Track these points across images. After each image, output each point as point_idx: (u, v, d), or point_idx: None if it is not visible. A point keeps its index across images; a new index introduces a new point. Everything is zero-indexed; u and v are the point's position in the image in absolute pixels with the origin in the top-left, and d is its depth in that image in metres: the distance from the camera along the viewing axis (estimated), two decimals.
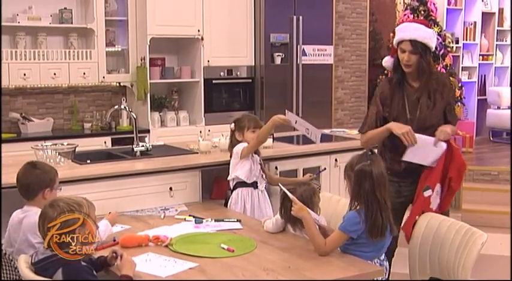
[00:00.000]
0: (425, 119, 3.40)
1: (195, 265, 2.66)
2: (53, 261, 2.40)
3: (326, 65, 7.04)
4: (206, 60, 6.33)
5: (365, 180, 2.82)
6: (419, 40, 3.32)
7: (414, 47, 3.32)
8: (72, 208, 2.43)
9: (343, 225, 2.82)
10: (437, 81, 3.45)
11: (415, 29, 3.37)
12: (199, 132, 6.05)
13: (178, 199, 3.82)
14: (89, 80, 5.86)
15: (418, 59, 3.33)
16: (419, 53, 3.32)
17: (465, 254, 2.86)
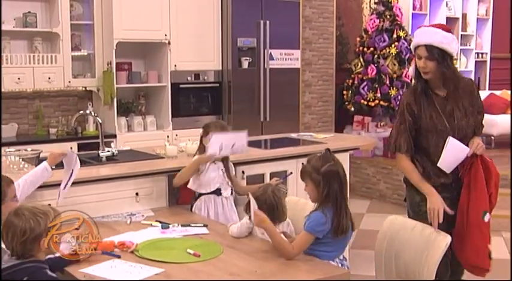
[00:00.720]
0: (461, 129, 3.18)
1: (160, 270, 2.64)
2: (18, 270, 2.36)
3: (293, 69, 7.07)
4: (173, 65, 6.31)
5: (334, 180, 2.87)
6: (435, 45, 3.09)
7: (430, 53, 3.09)
8: (38, 217, 2.40)
9: (310, 226, 2.84)
10: (464, 89, 3.21)
11: (432, 33, 3.13)
12: (166, 137, 6.03)
13: (145, 205, 3.79)
14: (54, 84, 5.79)
15: (436, 65, 3.09)
16: (436, 59, 3.08)
17: (429, 256, 2.89)
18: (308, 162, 2.96)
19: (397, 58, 7.86)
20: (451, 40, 3.12)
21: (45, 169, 3.32)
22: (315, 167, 2.90)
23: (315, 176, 2.89)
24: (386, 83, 7.80)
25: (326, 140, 5.06)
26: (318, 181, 2.89)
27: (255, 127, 6.64)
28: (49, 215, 2.43)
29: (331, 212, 2.86)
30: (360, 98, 7.89)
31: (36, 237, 2.39)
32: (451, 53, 3.12)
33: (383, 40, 7.87)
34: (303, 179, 2.95)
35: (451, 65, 3.14)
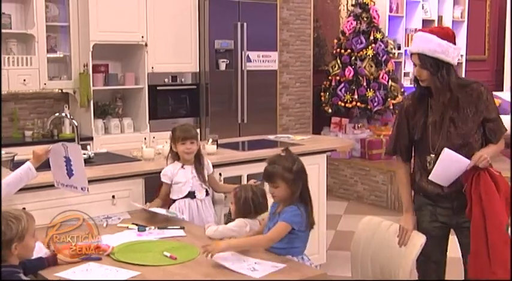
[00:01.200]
0: (456, 138, 2.95)
1: (137, 273, 2.63)
2: None
3: (271, 71, 7.09)
4: (150, 67, 6.29)
5: (304, 177, 2.96)
6: (428, 54, 2.90)
7: (422, 62, 2.91)
8: (10, 222, 2.38)
9: (287, 216, 2.88)
10: (468, 95, 2.96)
11: (425, 40, 2.92)
12: (143, 140, 6.00)
13: (121, 207, 3.77)
14: (29, 86, 5.74)
15: (429, 75, 2.91)
16: (429, 69, 2.90)
17: (405, 256, 2.92)
18: (273, 163, 2.94)
19: (374, 60, 7.91)
20: (447, 48, 2.88)
21: (28, 169, 3.27)
22: (286, 167, 2.91)
23: (287, 176, 2.90)
24: (364, 84, 7.84)
25: (303, 141, 5.07)
26: (290, 180, 2.91)
27: (233, 129, 6.64)
28: (21, 219, 2.41)
29: (302, 207, 2.93)
30: (337, 99, 7.92)
31: (8, 242, 2.37)
32: (448, 61, 2.90)
33: (360, 42, 7.92)
34: (273, 181, 2.92)
35: (448, 75, 2.90)
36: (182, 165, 3.77)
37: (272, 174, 2.92)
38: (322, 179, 4.89)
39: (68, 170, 3.36)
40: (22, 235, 2.41)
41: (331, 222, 5.84)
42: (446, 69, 2.90)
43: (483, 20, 10.64)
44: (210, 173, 3.91)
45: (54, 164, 3.41)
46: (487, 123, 2.97)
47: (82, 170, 3.35)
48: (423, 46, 2.91)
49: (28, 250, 2.48)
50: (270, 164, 2.95)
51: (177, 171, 3.76)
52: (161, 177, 3.78)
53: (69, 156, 3.35)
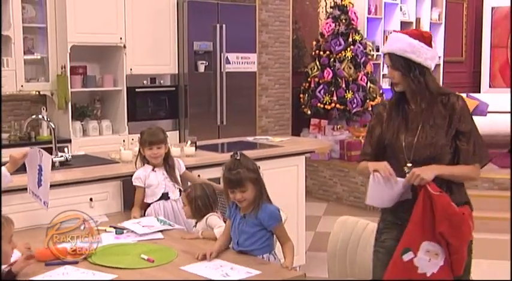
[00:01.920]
0: (424, 149, 2.76)
1: (113, 276, 2.61)
2: None
3: (250, 72, 7.09)
4: (129, 69, 6.26)
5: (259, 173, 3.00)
6: (398, 54, 2.76)
7: (393, 62, 2.78)
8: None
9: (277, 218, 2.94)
10: (445, 103, 2.79)
11: (396, 40, 2.80)
12: (122, 142, 5.95)
13: (99, 210, 3.74)
14: (6, 88, 5.67)
15: (402, 76, 2.77)
16: (400, 70, 2.76)
17: None
18: (235, 169, 2.91)
19: (353, 62, 7.96)
20: (418, 48, 2.73)
21: (4, 175, 3.23)
22: (248, 168, 2.92)
23: (252, 176, 2.92)
24: (342, 86, 7.88)
25: (282, 143, 5.09)
26: (255, 180, 2.93)
27: (212, 131, 6.64)
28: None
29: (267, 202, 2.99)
30: (316, 101, 7.95)
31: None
32: (419, 62, 2.74)
33: (339, 44, 7.96)
34: (242, 186, 2.89)
35: (422, 77, 2.75)
36: (153, 168, 3.77)
37: (240, 179, 2.89)
38: (301, 181, 4.90)
39: (38, 179, 3.31)
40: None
41: (310, 223, 5.86)
42: (419, 71, 2.75)
43: (460, 22, 10.75)
44: (183, 172, 3.91)
45: (29, 169, 3.37)
46: (461, 142, 2.76)
47: (47, 183, 3.29)
48: (393, 45, 2.80)
49: (4, 255, 2.44)
50: (231, 171, 2.92)
51: (149, 174, 3.75)
52: (133, 181, 3.76)
53: (42, 165, 3.31)
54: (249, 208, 2.96)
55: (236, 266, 2.75)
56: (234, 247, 3.00)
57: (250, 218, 2.95)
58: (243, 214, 2.98)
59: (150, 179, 3.74)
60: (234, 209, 3.03)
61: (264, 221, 2.92)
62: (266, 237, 2.96)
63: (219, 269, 2.72)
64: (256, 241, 2.94)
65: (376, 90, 8.15)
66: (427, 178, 2.61)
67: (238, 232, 2.98)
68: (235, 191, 2.91)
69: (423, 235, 2.61)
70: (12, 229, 2.49)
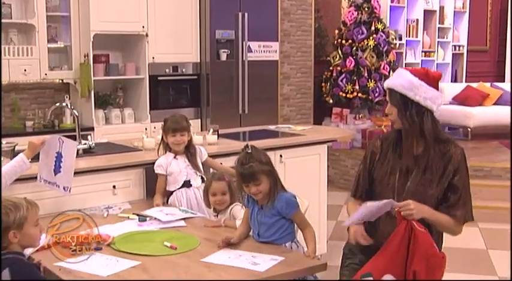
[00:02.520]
0: (413, 196, 2.67)
1: (137, 263, 2.63)
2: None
3: (272, 61, 7.07)
4: (151, 57, 6.27)
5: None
6: (396, 90, 2.66)
7: (391, 98, 2.69)
8: (8, 209, 2.39)
9: (295, 205, 2.93)
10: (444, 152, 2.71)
11: (397, 75, 2.72)
12: (144, 130, 6.00)
13: (122, 197, 3.77)
14: (30, 77, 5.73)
15: (398, 113, 2.67)
16: (397, 107, 2.67)
17: None
18: (248, 163, 2.89)
19: (375, 50, 7.90)
20: (417, 85, 2.62)
21: (22, 161, 3.28)
22: (260, 161, 2.91)
23: (265, 168, 2.91)
24: (365, 75, 7.84)
25: (304, 132, 5.07)
26: (269, 172, 2.92)
27: (234, 119, 6.64)
28: (20, 208, 2.42)
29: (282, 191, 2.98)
30: (338, 90, 7.92)
31: (5, 229, 2.38)
32: (418, 101, 2.62)
33: (361, 32, 7.91)
34: (256, 180, 2.88)
35: (420, 117, 2.64)
36: (174, 155, 3.78)
37: (253, 173, 2.88)
38: (323, 170, 4.89)
39: (56, 167, 3.34)
40: (20, 223, 2.41)
41: (332, 213, 5.84)
42: (417, 111, 2.63)
43: (485, 11, 10.60)
44: (205, 159, 3.91)
45: (43, 158, 3.40)
46: (451, 195, 2.68)
47: (70, 169, 3.32)
48: (394, 81, 2.71)
49: (31, 238, 2.49)
50: (244, 165, 2.90)
51: (170, 161, 3.76)
52: (155, 169, 3.77)
53: (62, 152, 3.33)
54: (265, 199, 2.95)
55: (257, 254, 2.75)
56: (255, 238, 2.99)
57: (267, 209, 2.94)
58: (260, 205, 2.98)
59: (172, 166, 3.75)
60: (251, 201, 3.03)
61: (281, 210, 2.92)
62: (286, 226, 2.95)
63: (242, 257, 2.72)
64: (276, 231, 2.94)
65: None
66: (416, 217, 2.55)
67: (257, 223, 2.98)
68: (250, 185, 2.90)
69: (389, 266, 2.52)
70: (37, 213, 2.52)
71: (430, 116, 2.66)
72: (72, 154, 3.35)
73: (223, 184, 3.38)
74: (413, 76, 2.65)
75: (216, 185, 3.38)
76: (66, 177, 3.32)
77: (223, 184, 3.38)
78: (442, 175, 2.69)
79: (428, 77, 2.68)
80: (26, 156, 3.31)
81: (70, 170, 3.32)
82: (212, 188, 3.38)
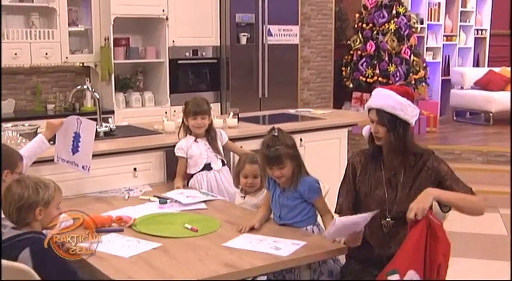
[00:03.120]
0: (405, 201, 2.71)
1: (158, 245, 2.65)
2: (18, 241, 2.38)
3: (292, 45, 7.03)
4: (171, 41, 6.27)
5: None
6: (386, 110, 2.75)
7: (380, 118, 2.77)
8: (38, 187, 2.44)
9: (317, 190, 2.94)
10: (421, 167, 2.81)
11: (384, 96, 2.80)
12: (164, 113, 6.01)
13: (143, 180, 3.80)
14: (51, 60, 5.76)
15: (386, 132, 2.77)
16: (386, 126, 2.76)
17: None
18: (274, 146, 2.89)
19: (396, 34, 7.82)
20: (406, 106, 2.76)
21: (41, 142, 3.31)
22: (286, 144, 2.91)
23: (290, 152, 2.91)
24: (385, 59, 7.77)
25: (324, 115, 5.05)
26: (293, 156, 2.92)
27: (253, 103, 6.63)
28: (50, 187, 2.48)
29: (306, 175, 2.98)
30: (358, 74, 7.87)
31: (32, 205, 2.42)
32: (406, 120, 2.76)
33: (382, 16, 7.83)
34: (281, 163, 2.88)
35: (405, 134, 2.78)
36: (195, 139, 3.78)
37: (278, 156, 2.88)
38: (343, 154, 4.88)
39: (74, 146, 3.36)
40: (48, 201, 2.46)
41: None
42: (403, 128, 2.77)
43: None
44: (225, 142, 3.92)
45: (60, 138, 3.42)
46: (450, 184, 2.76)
47: (89, 149, 3.34)
48: (382, 102, 2.78)
49: (51, 219, 2.52)
50: (270, 148, 2.90)
51: (191, 144, 3.77)
52: (176, 152, 3.77)
53: (80, 132, 3.36)
54: (288, 182, 2.95)
55: (279, 239, 2.75)
56: (276, 220, 3.00)
57: (290, 192, 2.94)
58: (282, 188, 2.98)
59: (192, 149, 3.76)
60: (273, 183, 3.03)
61: (304, 194, 2.93)
62: (308, 209, 2.96)
63: (264, 242, 2.71)
64: (298, 214, 2.94)
65: (420, 63, 8.01)
66: (427, 206, 2.56)
67: (279, 205, 2.98)
68: (274, 168, 2.90)
69: (412, 262, 2.53)
70: (60, 197, 2.55)
71: (410, 131, 2.82)
72: (91, 134, 3.37)
73: (256, 167, 3.35)
74: (401, 97, 2.77)
75: (249, 168, 3.38)
76: (84, 156, 3.35)
77: (256, 167, 3.35)
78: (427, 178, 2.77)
79: (409, 95, 2.82)
80: (45, 136, 3.35)
81: (88, 150, 3.35)
82: (245, 170, 3.38)
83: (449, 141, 7.70)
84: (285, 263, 2.57)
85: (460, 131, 8.35)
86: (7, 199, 2.43)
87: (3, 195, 2.45)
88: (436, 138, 7.75)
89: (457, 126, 8.78)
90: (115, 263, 2.46)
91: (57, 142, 3.43)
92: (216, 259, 2.50)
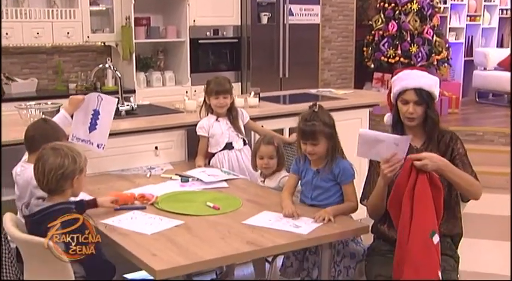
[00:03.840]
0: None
1: (180, 222, 2.67)
2: (49, 212, 2.41)
3: (313, 25, 6.98)
4: (192, 20, 6.25)
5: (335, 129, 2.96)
6: (425, 89, 2.77)
7: (420, 97, 2.76)
8: (75, 155, 2.48)
9: (350, 175, 2.91)
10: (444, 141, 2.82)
11: (420, 76, 2.82)
12: (185, 93, 6.02)
13: (164, 158, 3.81)
14: (73, 39, 5.78)
15: (425, 110, 2.77)
16: (426, 103, 2.77)
17: None
18: (311, 121, 2.88)
19: (419, 14, 7.74)
20: (437, 83, 2.85)
21: (64, 117, 3.33)
22: (325, 122, 2.89)
23: (326, 130, 2.89)
24: (407, 39, 7.70)
25: (346, 96, 5.02)
26: (329, 135, 2.90)
27: (274, 83, 6.61)
28: (82, 155, 2.52)
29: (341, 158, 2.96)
30: (380, 54, 7.80)
31: (71, 174, 2.45)
32: (436, 97, 2.83)
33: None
34: (315, 139, 2.87)
35: (436, 112, 2.84)
36: (216, 118, 3.78)
37: (314, 132, 2.87)
38: None
39: (92, 124, 3.37)
40: (82, 169, 2.50)
41: None
42: (434, 107, 2.82)
43: None
44: (247, 122, 3.91)
45: (79, 116, 3.42)
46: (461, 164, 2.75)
47: (107, 127, 3.35)
48: (421, 80, 2.79)
49: (80, 187, 2.56)
50: (307, 122, 2.89)
51: (212, 123, 3.77)
52: (197, 131, 3.78)
53: (99, 109, 3.36)
54: (320, 162, 2.94)
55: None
56: (306, 200, 2.99)
57: (324, 173, 2.92)
58: (315, 169, 2.96)
59: (214, 128, 3.76)
60: (303, 163, 3.01)
61: (337, 176, 2.91)
62: (341, 192, 2.94)
63: (283, 220, 2.71)
64: (331, 196, 2.92)
65: (442, 44, 7.93)
66: (430, 168, 2.55)
67: (311, 187, 2.97)
68: (307, 143, 2.89)
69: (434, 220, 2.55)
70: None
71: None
72: (110, 112, 3.37)
73: (272, 148, 3.35)
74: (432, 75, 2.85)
75: (264, 149, 3.36)
76: (101, 134, 3.35)
77: (272, 148, 3.35)
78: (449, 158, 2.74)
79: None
80: (67, 112, 3.37)
81: (106, 128, 3.35)
82: (260, 152, 3.37)
83: (471, 122, 7.63)
84: (307, 242, 2.57)
85: (483, 112, 8.27)
86: (45, 167, 2.43)
87: (36, 164, 2.46)
88: (458, 120, 7.69)
89: (479, 107, 8.70)
90: (138, 240, 2.47)
91: (74, 119, 3.43)
92: (239, 237, 2.51)
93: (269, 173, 3.38)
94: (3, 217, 2.51)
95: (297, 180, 3.06)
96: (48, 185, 2.46)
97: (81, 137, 3.40)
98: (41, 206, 2.44)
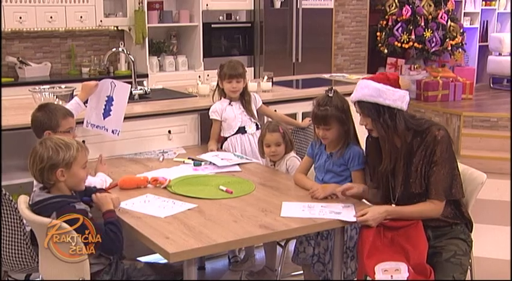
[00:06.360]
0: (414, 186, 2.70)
1: (193, 206, 2.67)
2: (46, 205, 2.41)
3: (326, 9, 6.95)
4: (205, 4, 6.23)
5: (351, 114, 2.92)
6: (365, 100, 2.68)
7: (362, 109, 2.71)
8: (59, 147, 2.42)
9: (359, 162, 2.90)
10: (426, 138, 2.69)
11: (361, 87, 2.72)
12: (198, 77, 6.01)
13: (177, 142, 3.82)
14: (86, 23, 5.78)
15: (373, 122, 2.69)
16: (370, 116, 2.69)
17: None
18: (324, 105, 2.86)
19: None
20: (383, 91, 2.66)
21: (77, 104, 3.34)
22: (337, 107, 2.87)
23: (339, 115, 2.87)
24: (421, 24, 7.63)
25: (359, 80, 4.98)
26: (342, 120, 2.88)
27: (287, 68, 6.59)
28: (71, 147, 2.44)
29: (357, 145, 2.95)
30: (393, 39, 7.74)
31: (53, 166, 2.41)
32: (388, 105, 2.65)
33: None
34: (327, 124, 2.86)
35: (393, 120, 2.66)
36: (229, 102, 3.78)
37: (326, 116, 2.86)
38: None
39: (106, 110, 3.38)
40: (69, 162, 2.43)
41: None
42: (389, 114, 2.66)
43: None
44: (260, 106, 3.91)
45: (93, 102, 3.43)
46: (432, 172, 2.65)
47: (121, 112, 3.36)
48: (360, 93, 2.71)
49: (77, 179, 2.50)
50: (320, 107, 2.88)
51: (225, 107, 3.76)
52: (210, 115, 3.77)
53: (113, 95, 3.37)
54: (334, 146, 2.94)
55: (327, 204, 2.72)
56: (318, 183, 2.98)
57: (336, 157, 2.93)
58: (329, 153, 2.96)
59: (227, 112, 3.75)
60: (318, 147, 3.01)
61: (347, 161, 2.91)
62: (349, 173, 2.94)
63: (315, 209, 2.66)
64: (342, 181, 2.92)
65: (457, 28, 7.85)
66: (374, 224, 2.59)
67: (324, 170, 2.97)
68: (320, 127, 2.89)
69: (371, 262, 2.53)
70: (86, 156, 2.54)
71: (402, 115, 2.70)
72: (124, 98, 3.38)
73: (277, 135, 3.34)
74: (377, 83, 2.69)
75: (269, 137, 3.35)
76: (115, 120, 3.37)
77: (277, 135, 3.34)
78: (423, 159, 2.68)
79: (390, 80, 2.72)
80: (80, 98, 3.37)
81: (120, 114, 3.36)
82: (266, 140, 3.36)
83: (485, 108, 7.56)
84: (320, 226, 2.56)
85: (497, 98, 8.20)
86: (31, 160, 2.44)
87: (29, 156, 2.46)
88: (472, 106, 7.62)
89: (493, 93, 8.62)
90: (151, 223, 2.48)
91: (88, 106, 3.44)
92: (252, 221, 2.51)
93: (278, 160, 3.38)
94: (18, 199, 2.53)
95: (311, 163, 3.07)
96: (37, 179, 2.47)
97: (95, 123, 3.42)
98: (40, 197, 2.44)
